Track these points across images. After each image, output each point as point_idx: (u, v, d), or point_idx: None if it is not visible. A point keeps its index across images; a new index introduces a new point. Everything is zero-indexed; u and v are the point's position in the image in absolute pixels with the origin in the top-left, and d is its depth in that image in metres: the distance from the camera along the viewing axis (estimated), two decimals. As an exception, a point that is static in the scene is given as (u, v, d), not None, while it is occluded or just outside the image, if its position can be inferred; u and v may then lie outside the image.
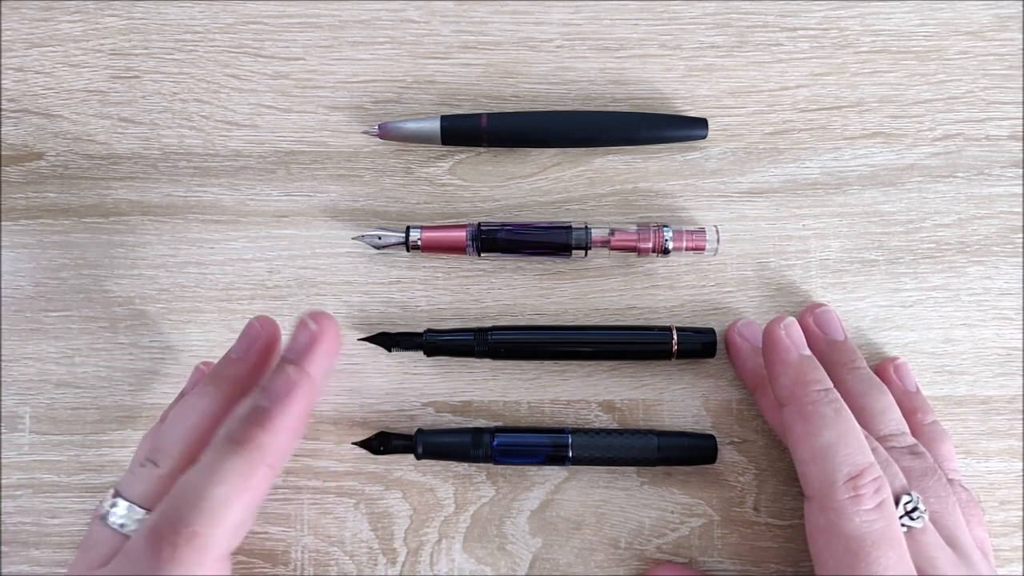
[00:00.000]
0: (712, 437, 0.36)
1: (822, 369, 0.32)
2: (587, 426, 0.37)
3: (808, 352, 0.33)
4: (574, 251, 0.37)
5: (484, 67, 0.39)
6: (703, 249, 0.37)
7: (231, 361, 0.33)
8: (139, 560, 0.28)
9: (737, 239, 0.38)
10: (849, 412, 0.31)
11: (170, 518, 0.28)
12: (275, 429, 0.29)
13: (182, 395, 0.36)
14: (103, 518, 0.30)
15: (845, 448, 0.30)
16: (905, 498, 0.31)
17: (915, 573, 0.29)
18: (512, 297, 0.38)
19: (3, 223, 0.38)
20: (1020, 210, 0.39)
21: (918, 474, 0.32)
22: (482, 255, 0.37)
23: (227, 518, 0.28)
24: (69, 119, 0.38)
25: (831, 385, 0.32)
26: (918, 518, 0.30)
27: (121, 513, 0.30)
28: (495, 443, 0.35)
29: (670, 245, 0.37)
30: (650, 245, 0.37)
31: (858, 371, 0.35)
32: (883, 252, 0.38)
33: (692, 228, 0.37)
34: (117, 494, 0.30)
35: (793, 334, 0.33)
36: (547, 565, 0.37)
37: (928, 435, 0.35)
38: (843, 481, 0.30)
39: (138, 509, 0.30)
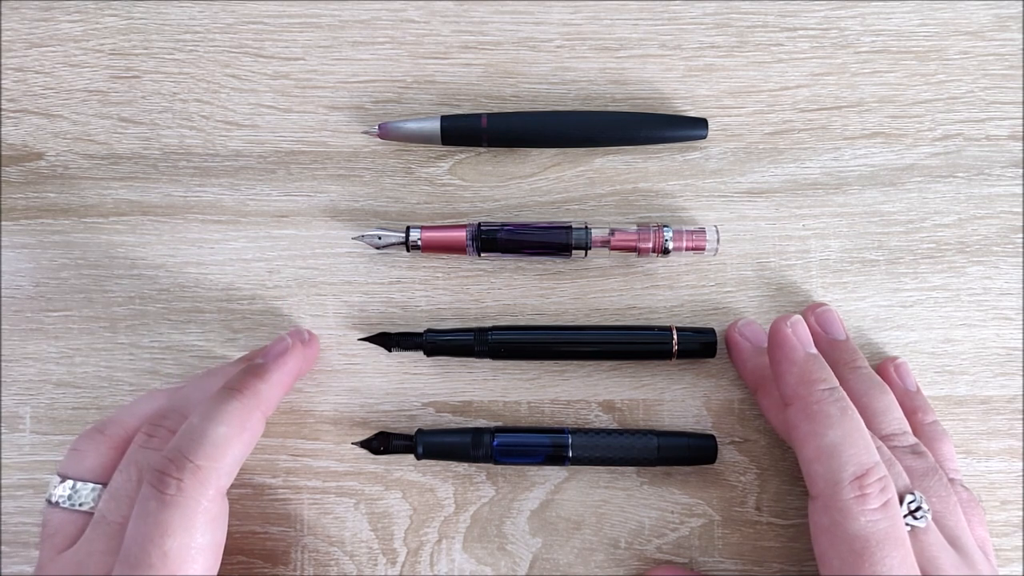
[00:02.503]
0: (712, 437, 0.36)
1: (828, 368, 0.32)
2: (587, 426, 0.37)
3: (814, 351, 0.33)
4: (574, 251, 0.37)
5: (484, 67, 0.39)
6: (703, 249, 0.37)
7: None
8: (141, 504, 0.29)
9: (737, 239, 0.38)
10: (855, 411, 0.31)
11: (173, 457, 0.30)
12: (271, 380, 0.33)
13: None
14: (54, 503, 0.32)
15: (851, 448, 0.30)
16: (908, 497, 0.31)
17: (919, 573, 0.29)
18: (512, 297, 0.38)
19: (3, 223, 0.38)
20: (1020, 210, 0.39)
21: (920, 474, 0.32)
22: (482, 255, 0.37)
23: (228, 455, 0.31)
24: (69, 119, 0.38)
25: (837, 384, 0.32)
26: (921, 518, 0.30)
27: (64, 493, 0.32)
28: (495, 443, 0.35)
29: (670, 245, 0.37)
30: (650, 245, 0.37)
31: (859, 370, 0.35)
32: (883, 252, 0.38)
33: (692, 228, 0.37)
34: (64, 477, 0.32)
35: (800, 332, 0.33)
36: (547, 565, 0.36)
37: (928, 435, 0.35)
38: (848, 481, 0.29)
39: (88, 484, 0.32)
